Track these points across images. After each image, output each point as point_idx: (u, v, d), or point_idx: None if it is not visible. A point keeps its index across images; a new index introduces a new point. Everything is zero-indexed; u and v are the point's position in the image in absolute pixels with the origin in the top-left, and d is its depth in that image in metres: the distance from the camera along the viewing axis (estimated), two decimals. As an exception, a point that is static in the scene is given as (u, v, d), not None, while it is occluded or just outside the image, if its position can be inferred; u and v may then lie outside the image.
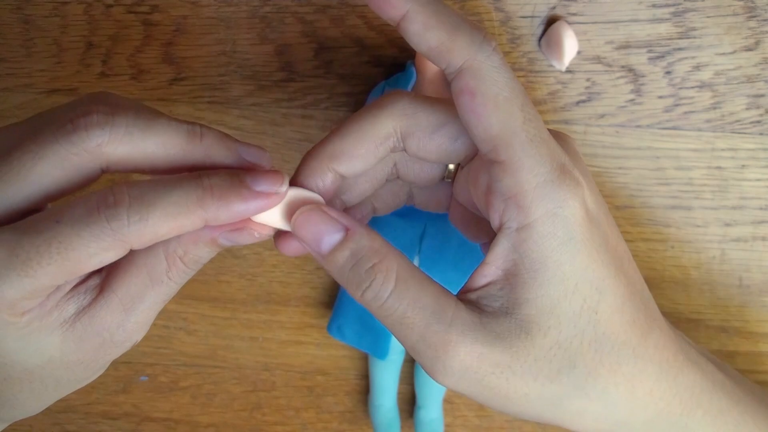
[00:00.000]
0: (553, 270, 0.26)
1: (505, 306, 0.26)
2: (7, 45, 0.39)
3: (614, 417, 0.28)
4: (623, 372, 0.27)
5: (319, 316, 0.42)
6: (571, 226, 0.25)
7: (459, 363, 0.26)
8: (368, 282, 0.26)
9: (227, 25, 0.39)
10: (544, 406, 0.27)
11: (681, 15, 0.37)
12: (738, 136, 0.39)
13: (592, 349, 0.26)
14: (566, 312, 0.26)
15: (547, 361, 0.26)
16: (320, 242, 0.26)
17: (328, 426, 0.43)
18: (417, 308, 0.26)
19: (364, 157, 0.27)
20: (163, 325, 0.42)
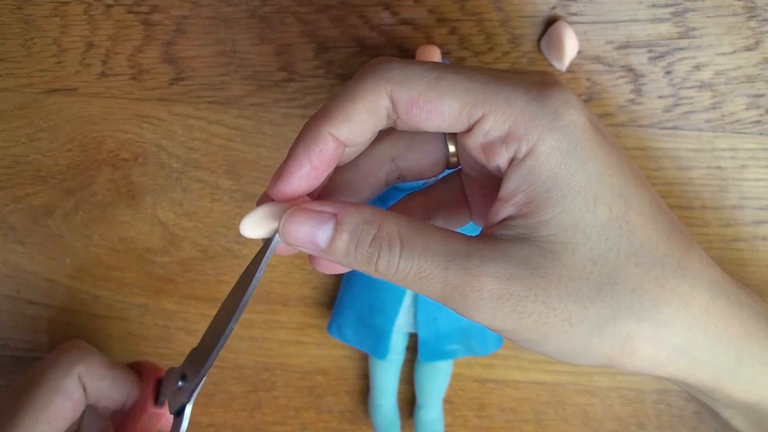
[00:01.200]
0: (566, 183, 0.24)
1: (523, 233, 0.25)
2: (7, 45, 0.39)
3: (671, 343, 0.25)
4: (672, 288, 0.25)
5: (319, 316, 0.42)
6: (573, 133, 0.25)
7: (488, 292, 0.24)
8: (376, 253, 0.25)
9: (227, 25, 0.39)
10: (590, 333, 0.25)
11: (681, 15, 0.37)
12: (738, 136, 0.39)
13: (631, 263, 0.25)
14: (592, 224, 0.25)
15: (583, 280, 0.24)
16: (316, 240, 0.26)
17: (328, 426, 0.43)
18: (430, 258, 0.25)
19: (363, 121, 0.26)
20: (163, 325, 0.42)
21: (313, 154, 0.26)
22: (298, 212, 0.26)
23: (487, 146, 0.26)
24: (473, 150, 0.26)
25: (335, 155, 0.26)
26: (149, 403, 0.34)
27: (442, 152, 0.29)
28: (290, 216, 0.26)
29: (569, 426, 0.43)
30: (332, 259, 0.26)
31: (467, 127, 0.26)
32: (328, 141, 0.26)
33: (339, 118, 0.26)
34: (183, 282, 0.42)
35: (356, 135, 0.26)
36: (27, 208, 0.41)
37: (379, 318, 0.38)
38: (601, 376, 0.42)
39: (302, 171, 0.26)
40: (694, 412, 0.42)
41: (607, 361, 0.26)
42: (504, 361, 0.42)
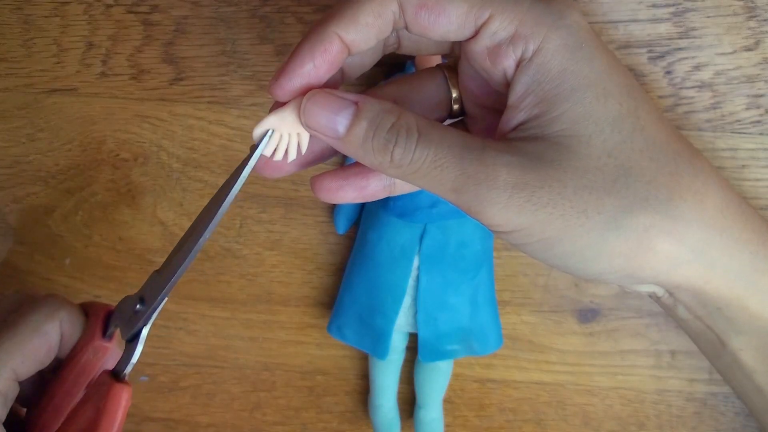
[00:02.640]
0: (574, 78, 0.25)
1: (536, 133, 0.25)
2: (7, 45, 0.39)
3: (688, 240, 0.25)
4: (686, 183, 0.25)
5: (319, 316, 0.42)
6: (578, 32, 0.25)
7: (503, 181, 0.24)
8: (394, 140, 0.25)
9: (227, 25, 0.39)
10: (607, 227, 0.24)
11: (681, 15, 0.37)
12: (738, 136, 0.38)
13: (645, 156, 0.25)
14: (604, 116, 0.25)
15: (599, 172, 0.24)
16: (335, 124, 0.26)
17: (328, 426, 0.43)
18: (446, 147, 0.25)
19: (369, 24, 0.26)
20: (163, 325, 0.42)
21: (317, 53, 0.26)
22: (320, 94, 0.26)
23: (494, 50, 0.26)
24: (479, 56, 0.26)
25: (339, 57, 0.26)
26: (96, 336, 0.31)
27: (444, 95, 0.29)
28: (312, 97, 0.26)
29: (569, 426, 0.43)
30: (348, 148, 0.26)
31: (474, 31, 0.26)
32: (333, 41, 0.26)
33: (346, 18, 0.26)
34: (183, 282, 0.42)
35: (361, 38, 0.26)
36: (27, 208, 0.41)
37: (379, 318, 0.38)
38: (601, 376, 0.42)
39: (304, 68, 0.26)
40: (694, 412, 0.42)
41: (624, 262, 0.25)
42: (504, 361, 0.42)
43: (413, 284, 0.38)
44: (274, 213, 0.41)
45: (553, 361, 0.42)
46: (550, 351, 0.42)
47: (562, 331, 0.41)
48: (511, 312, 0.41)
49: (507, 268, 0.41)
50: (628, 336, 0.41)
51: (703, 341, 0.30)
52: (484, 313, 0.39)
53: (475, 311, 0.38)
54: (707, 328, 0.29)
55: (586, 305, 0.41)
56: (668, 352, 0.41)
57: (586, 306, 0.41)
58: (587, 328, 0.41)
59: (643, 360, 0.41)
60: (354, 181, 0.29)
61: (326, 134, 0.26)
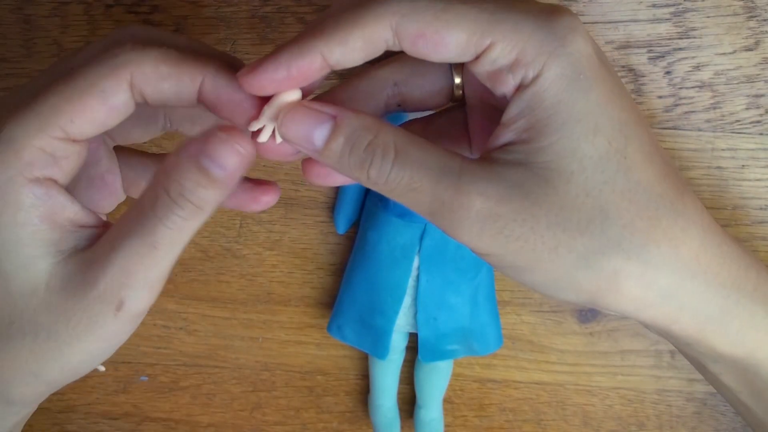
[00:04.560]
0: (567, 111, 0.24)
1: (520, 159, 0.25)
2: (7, 45, 0.39)
3: (657, 285, 0.25)
4: (663, 228, 0.25)
5: (319, 316, 0.42)
6: (578, 61, 0.24)
7: (476, 211, 0.24)
8: (369, 159, 0.25)
9: (227, 25, 0.39)
10: (577, 265, 0.24)
11: (681, 15, 0.37)
12: (738, 136, 0.38)
13: (625, 199, 0.24)
14: (590, 155, 0.24)
15: (575, 210, 0.24)
16: (312, 138, 0.25)
17: (328, 426, 0.43)
18: (422, 170, 0.24)
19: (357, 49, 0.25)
20: (163, 325, 0.42)
21: (293, 65, 0.25)
22: (299, 108, 0.25)
23: (494, 74, 0.25)
24: (480, 77, 0.26)
25: (317, 74, 0.25)
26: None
27: (446, 82, 0.29)
28: (289, 111, 0.25)
29: (569, 426, 0.43)
30: (325, 162, 0.26)
31: (474, 57, 0.25)
32: (315, 59, 0.25)
33: (335, 39, 0.25)
34: (183, 282, 0.42)
35: (346, 60, 0.25)
36: (27, 208, 0.41)
37: (379, 318, 0.38)
38: (601, 376, 0.42)
39: (276, 74, 0.25)
40: (694, 412, 0.42)
41: (592, 297, 0.25)
42: (504, 361, 0.42)
43: (413, 284, 0.38)
44: (274, 213, 0.41)
45: (553, 361, 0.42)
46: (550, 351, 0.42)
47: (562, 331, 0.41)
48: (511, 312, 0.41)
49: (507, 268, 0.41)
50: (628, 336, 0.41)
51: (687, 357, 0.31)
52: (484, 313, 0.39)
53: (475, 311, 0.38)
54: (684, 353, 0.30)
55: (586, 305, 0.41)
56: (668, 352, 0.41)
57: (586, 306, 0.41)
58: (587, 328, 0.41)
59: (643, 360, 0.41)
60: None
61: (304, 147, 0.26)
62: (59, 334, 0.25)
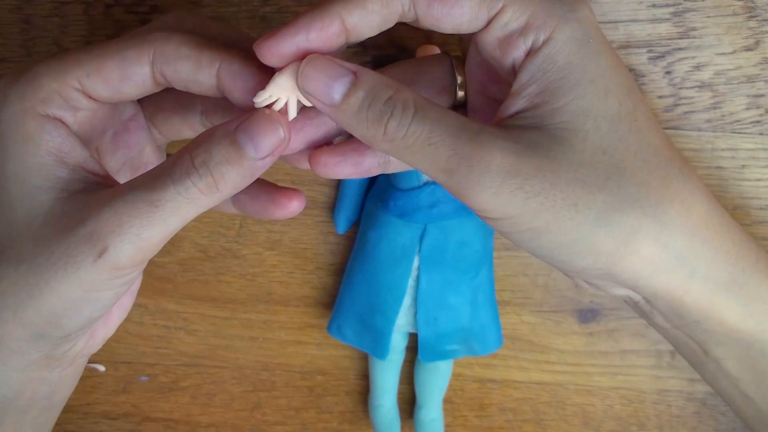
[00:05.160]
0: (579, 72, 0.25)
1: (534, 123, 0.25)
2: (7, 45, 0.39)
3: (672, 246, 0.25)
4: (675, 189, 0.25)
5: (319, 316, 0.42)
6: (587, 27, 0.25)
7: (497, 166, 0.24)
8: (389, 112, 0.25)
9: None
10: (596, 222, 0.24)
11: (681, 15, 0.37)
12: (738, 136, 0.38)
13: (639, 158, 0.25)
14: (603, 114, 0.25)
15: (592, 168, 0.24)
16: (331, 90, 0.25)
17: (328, 426, 0.43)
18: (442, 125, 0.25)
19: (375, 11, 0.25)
20: (163, 325, 0.42)
21: (313, 27, 0.25)
22: (320, 59, 0.25)
23: (504, 40, 0.26)
24: (489, 46, 0.26)
25: (335, 39, 0.26)
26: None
27: (449, 81, 0.29)
28: (311, 61, 0.25)
29: (569, 426, 0.43)
30: (341, 117, 0.26)
31: (486, 22, 0.26)
32: (334, 21, 0.25)
33: (353, 1, 0.25)
34: (183, 282, 0.42)
35: (364, 25, 0.26)
36: (27, 208, 0.41)
37: (379, 318, 0.38)
38: (601, 376, 0.42)
39: (296, 38, 0.25)
40: (694, 412, 0.42)
41: (608, 260, 0.25)
42: (504, 361, 0.42)
43: (413, 284, 0.38)
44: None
45: (553, 361, 0.42)
46: (550, 351, 0.42)
47: (562, 331, 0.41)
48: (511, 312, 0.41)
49: (507, 268, 0.41)
50: (628, 336, 0.41)
51: (685, 349, 0.30)
52: (484, 313, 0.39)
53: (475, 311, 0.38)
54: (687, 336, 0.29)
55: (586, 305, 0.41)
56: (668, 352, 0.41)
57: (586, 306, 0.41)
58: (587, 328, 0.41)
59: (643, 360, 0.41)
60: (350, 157, 0.29)
61: (321, 100, 0.26)
62: (39, 268, 0.25)
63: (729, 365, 0.29)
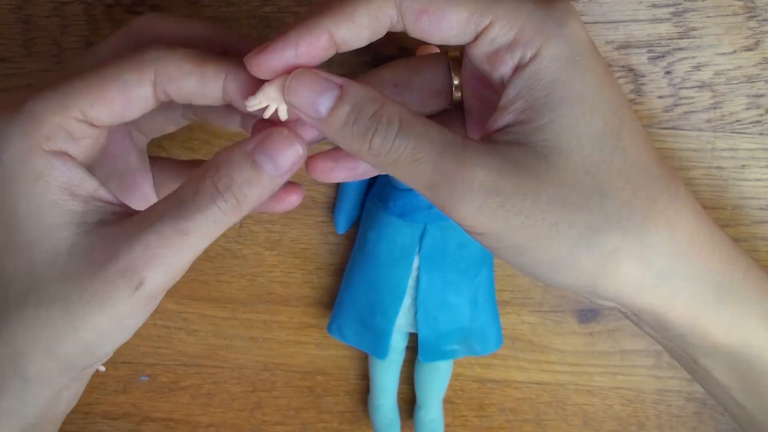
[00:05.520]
0: (565, 89, 0.25)
1: (519, 139, 0.25)
2: (7, 45, 0.39)
3: (655, 266, 0.25)
4: (659, 209, 0.25)
5: (319, 316, 0.42)
6: (575, 44, 0.25)
7: (479, 184, 0.24)
8: (374, 127, 0.25)
9: (227, 25, 0.39)
10: (577, 243, 0.25)
11: (681, 15, 0.37)
12: (738, 136, 0.38)
13: (623, 178, 0.25)
14: (587, 133, 0.25)
15: (574, 187, 0.24)
16: (317, 104, 0.25)
17: (328, 426, 0.43)
18: (426, 141, 0.25)
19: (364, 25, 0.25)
20: (163, 325, 0.42)
21: (302, 42, 0.25)
22: (306, 74, 0.26)
23: (492, 55, 0.26)
24: (478, 60, 0.26)
25: (324, 52, 0.26)
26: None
27: (445, 82, 0.29)
28: (297, 76, 0.26)
29: (569, 426, 0.43)
30: (327, 131, 0.26)
31: (474, 36, 0.26)
32: (322, 35, 0.25)
33: (341, 15, 0.25)
34: (183, 282, 0.42)
35: (352, 37, 0.26)
36: (27, 208, 0.41)
37: (379, 318, 0.38)
38: (601, 376, 0.42)
39: (285, 53, 0.25)
40: (694, 412, 0.42)
41: (590, 279, 0.25)
42: (504, 361, 0.42)
43: (413, 284, 0.38)
44: (274, 213, 0.41)
45: (553, 361, 0.42)
46: (550, 351, 0.42)
47: (562, 331, 0.41)
48: (511, 312, 0.41)
49: (507, 268, 0.41)
50: (628, 336, 0.41)
51: (677, 356, 0.31)
52: (484, 313, 0.39)
53: (475, 311, 0.38)
54: (676, 346, 0.29)
55: (586, 305, 0.41)
56: (668, 352, 0.41)
57: (586, 306, 0.41)
58: (587, 328, 0.41)
59: (643, 360, 0.41)
60: (345, 162, 0.29)
61: (307, 114, 0.26)
62: (73, 306, 0.25)
63: (719, 375, 0.29)
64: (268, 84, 0.26)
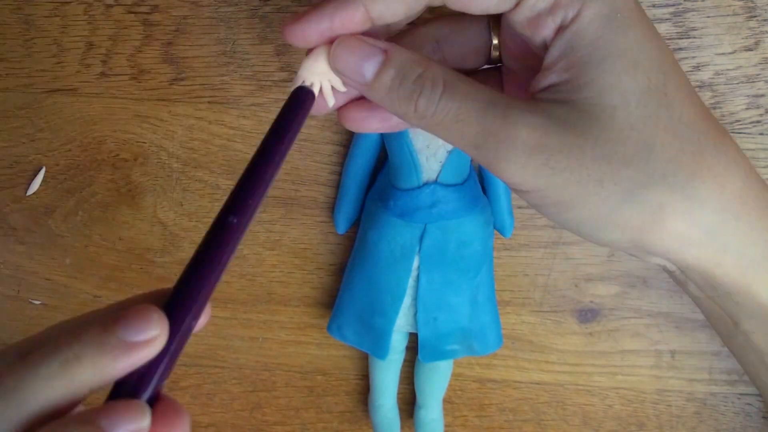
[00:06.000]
0: (606, 47, 0.25)
1: (564, 97, 0.25)
2: (7, 45, 0.39)
3: (702, 222, 0.25)
4: (708, 165, 0.25)
5: (319, 316, 0.42)
6: (615, 2, 0.25)
7: (523, 142, 0.24)
8: (419, 89, 0.25)
9: (227, 25, 0.39)
10: (622, 198, 0.24)
11: (681, 15, 0.37)
12: (738, 136, 0.38)
13: (669, 134, 0.25)
14: (631, 89, 0.24)
15: (620, 143, 0.24)
16: (363, 70, 0.26)
17: (328, 426, 0.43)
18: (471, 101, 0.25)
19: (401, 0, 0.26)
20: (163, 325, 0.42)
21: (337, 15, 0.26)
22: (351, 40, 0.26)
23: (533, 20, 0.26)
24: (519, 26, 0.26)
25: (359, 26, 0.26)
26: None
27: (484, 42, 0.29)
28: (342, 42, 0.26)
29: (569, 426, 0.43)
30: (373, 94, 0.26)
31: (514, 4, 0.26)
32: (357, 10, 0.26)
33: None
34: (183, 282, 0.42)
35: (389, 12, 0.26)
36: (27, 208, 0.41)
37: (379, 318, 0.38)
38: (601, 376, 0.42)
39: (320, 25, 0.26)
40: (694, 412, 0.42)
41: (635, 234, 0.25)
42: (504, 361, 0.42)
43: (413, 284, 0.38)
44: (274, 213, 0.41)
45: (553, 361, 0.42)
46: (550, 351, 0.42)
47: (562, 331, 0.41)
48: (511, 312, 0.41)
49: (507, 268, 0.41)
50: (628, 336, 0.41)
51: (716, 319, 0.30)
52: (484, 313, 0.39)
53: (475, 311, 0.38)
54: (719, 307, 0.29)
55: (586, 305, 0.41)
56: (668, 352, 0.41)
57: (586, 306, 0.41)
58: (587, 328, 0.41)
59: (643, 360, 0.41)
60: (379, 113, 0.29)
61: (354, 79, 0.26)
62: None
63: (758, 339, 0.29)
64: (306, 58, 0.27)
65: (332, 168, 0.40)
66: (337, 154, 0.40)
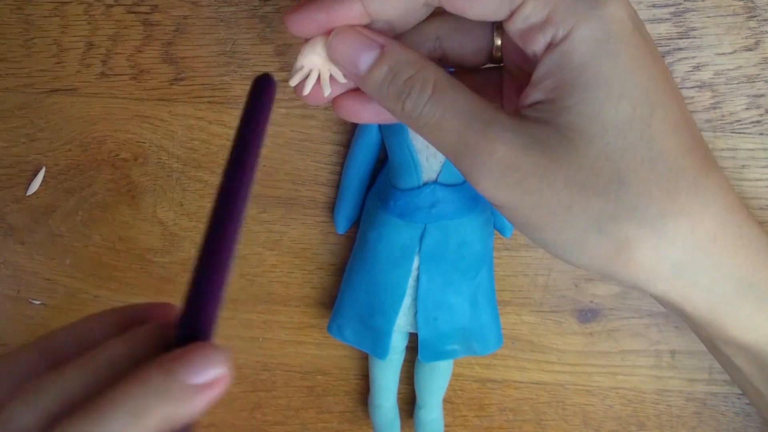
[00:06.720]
0: (593, 73, 0.24)
1: (546, 117, 0.25)
2: (7, 45, 0.39)
3: (671, 258, 0.25)
4: (682, 202, 0.24)
5: (319, 316, 0.42)
6: (609, 25, 0.24)
7: (497, 160, 0.25)
8: (407, 91, 0.26)
9: (227, 25, 0.39)
10: (589, 227, 0.25)
11: (681, 15, 0.37)
12: (738, 136, 0.38)
13: (645, 168, 0.24)
14: (613, 119, 0.24)
15: (593, 173, 0.24)
16: (357, 62, 0.26)
17: (328, 426, 0.43)
18: (455, 111, 0.25)
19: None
20: (163, 325, 0.42)
21: (333, 11, 0.26)
22: (349, 31, 0.26)
23: (526, 32, 0.26)
24: (513, 35, 0.27)
25: (356, 21, 0.27)
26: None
27: (486, 42, 0.29)
28: (340, 32, 0.26)
29: (569, 426, 0.43)
30: (365, 87, 0.27)
31: (509, 13, 0.26)
32: (354, 7, 0.26)
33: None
34: (183, 282, 0.42)
35: (385, 10, 0.26)
36: (27, 208, 0.41)
37: (379, 318, 0.38)
38: (601, 376, 0.42)
39: (318, 16, 0.26)
40: (694, 412, 0.42)
41: (603, 263, 0.25)
42: (504, 361, 0.42)
43: (413, 284, 0.38)
44: (274, 213, 0.41)
45: (553, 361, 0.42)
46: (550, 351, 0.42)
47: (562, 331, 0.41)
48: (511, 312, 0.41)
49: (507, 268, 0.41)
50: (628, 336, 0.41)
51: (700, 337, 0.31)
52: (484, 313, 0.39)
53: (475, 311, 0.38)
54: (698, 334, 0.29)
55: (586, 305, 0.41)
56: (668, 352, 0.41)
57: (586, 306, 0.41)
58: (587, 328, 0.41)
59: (643, 360, 0.41)
60: (373, 105, 0.30)
61: (348, 69, 0.27)
62: None
63: (739, 362, 0.29)
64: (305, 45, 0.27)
65: (332, 168, 0.40)
66: (337, 154, 0.40)
